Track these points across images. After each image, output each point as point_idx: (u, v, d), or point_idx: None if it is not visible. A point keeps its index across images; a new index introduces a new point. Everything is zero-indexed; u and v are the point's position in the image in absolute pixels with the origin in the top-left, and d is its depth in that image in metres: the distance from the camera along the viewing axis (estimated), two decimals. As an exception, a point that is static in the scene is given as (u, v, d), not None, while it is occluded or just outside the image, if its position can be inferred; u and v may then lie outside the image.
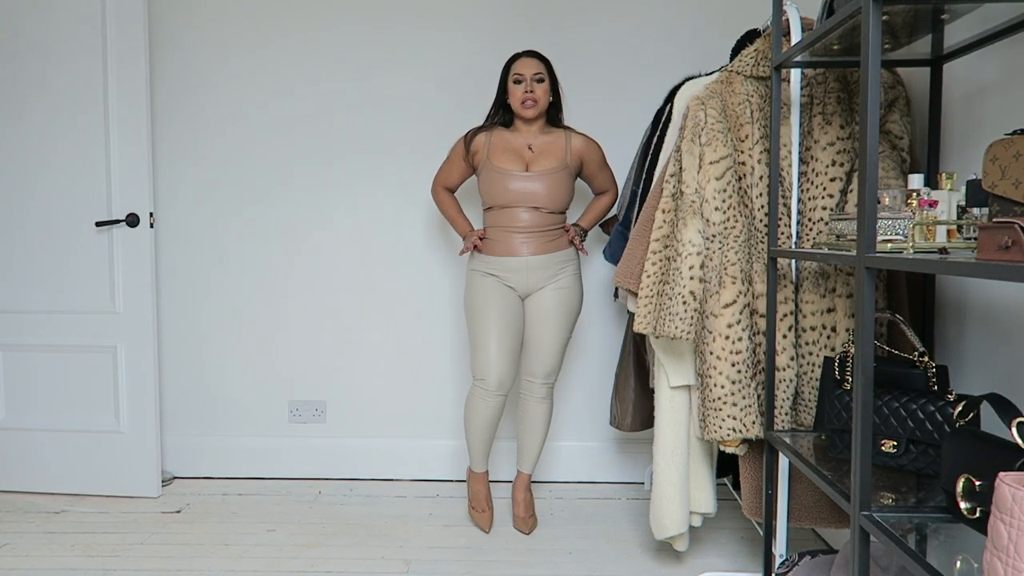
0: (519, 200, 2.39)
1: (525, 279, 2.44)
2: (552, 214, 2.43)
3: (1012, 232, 1.00)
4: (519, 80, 2.41)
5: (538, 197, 2.39)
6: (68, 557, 2.31)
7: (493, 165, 2.41)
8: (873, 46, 1.29)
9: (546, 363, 2.49)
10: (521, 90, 2.41)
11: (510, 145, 2.45)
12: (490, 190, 2.42)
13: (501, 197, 2.40)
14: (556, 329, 2.47)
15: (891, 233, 1.42)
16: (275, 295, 3.02)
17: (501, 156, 2.43)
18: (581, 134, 2.50)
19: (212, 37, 2.96)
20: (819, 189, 1.92)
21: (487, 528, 2.49)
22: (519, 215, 2.41)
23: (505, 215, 2.42)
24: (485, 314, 2.42)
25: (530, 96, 2.40)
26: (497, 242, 2.44)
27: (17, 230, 2.81)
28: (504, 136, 2.47)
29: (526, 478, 2.59)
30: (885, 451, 1.55)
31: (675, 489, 2.06)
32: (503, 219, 2.43)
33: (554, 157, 2.44)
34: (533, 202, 2.39)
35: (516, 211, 2.41)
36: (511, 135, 2.47)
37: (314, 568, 2.23)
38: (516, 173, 2.39)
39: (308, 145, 2.98)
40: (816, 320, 1.92)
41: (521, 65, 2.43)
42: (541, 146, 2.46)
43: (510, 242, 2.42)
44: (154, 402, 2.78)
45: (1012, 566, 0.95)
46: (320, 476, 3.04)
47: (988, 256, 1.05)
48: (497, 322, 2.41)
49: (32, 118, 2.76)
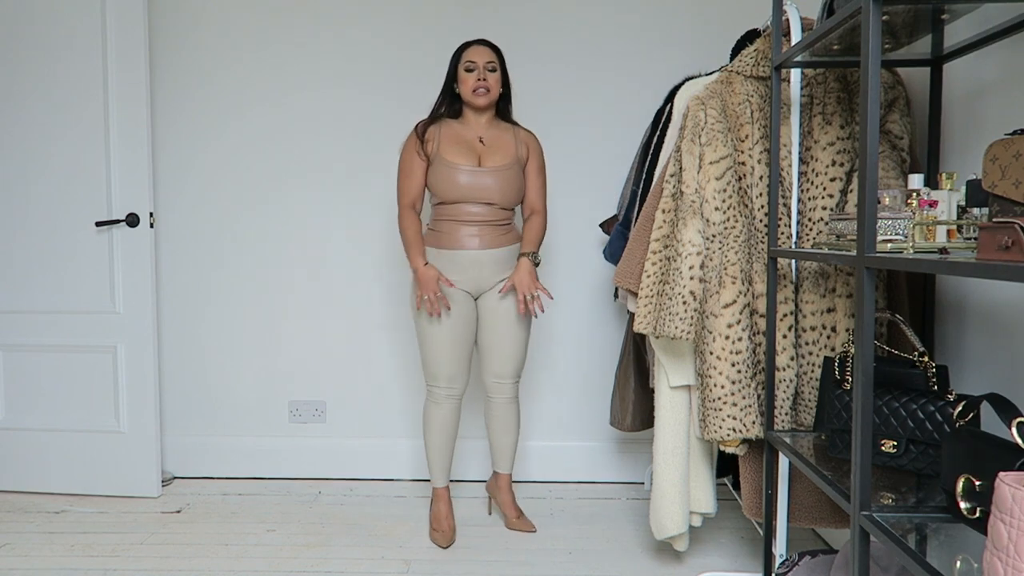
0: (471, 195, 2.31)
1: (477, 276, 2.35)
2: (503, 209, 2.37)
3: (1012, 232, 1.00)
4: (471, 68, 2.33)
5: (491, 193, 2.32)
6: (68, 557, 2.31)
7: (444, 159, 2.31)
8: (873, 46, 1.29)
9: (511, 362, 2.43)
10: (473, 78, 2.32)
11: (461, 137, 2.36)
12: (440, 184, 2.31)
13: (452, 192, 2.31)
14: (517, 326, 2.40)
15: (891, 233, 1.42)
16: (275, 295, 3.02)
17: (452, 149, 2.33)
18: (527, 130, 2.45)
19: (212, 37, 2.96)
20: (819, 189, 1.92)
21: (444, 544, 2.38)
22: (469, 209, 2.32)
23: (455, 209, 2.33)
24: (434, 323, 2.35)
25: (483, 84, 2.32)
26: (446, 235, 2.35)
27: (17, 230, 2.81)
28: (454, 128, 2.38)
29: (507, 479, 2.56)
30: (885, 451, 1.55)
31: (675, 489, 2.06)
32: (453, 212, 2.34)
33: (506, 152, 2.37)
34: (485, 198, 2.32)
35: (466, 206, 2.32)
36: (461, 127, 2.38)
37: (314, 568, 2.23)
38: (467, 168, 2.31)
39: (308, 145, 2.98)
40: (816, 320, 1.92)
41: (473, 53, 2.35)
42: (492, 139, 2.38)
43: (460, 235, 2.34)
44: (154, 402, 2.78)
45: (1012, 566, 0.95)
46: (320, 476, 3.04)
47: (988, 256, 1.05)
48: (449, 317, 2.33)
49: (32, 118, 2.76)
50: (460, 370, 2.39)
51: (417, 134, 2.36)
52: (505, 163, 2.35)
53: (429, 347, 2.36)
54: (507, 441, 2.52)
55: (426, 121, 2.38)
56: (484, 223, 2.34)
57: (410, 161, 2.35)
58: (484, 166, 2.32)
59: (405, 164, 2.36)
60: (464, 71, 2.34)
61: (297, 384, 3.05)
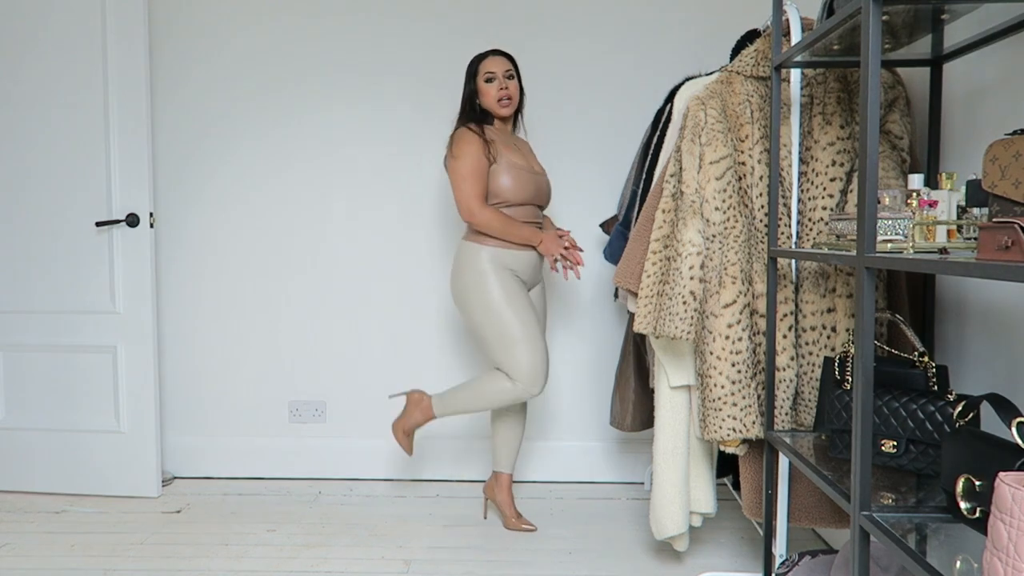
0: (536, 197, 2.37)
1: (535, 274, 2.44)
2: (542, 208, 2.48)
3: (1012, 232, 1.00)
4: (491, 78, 2.34)
5: (546, 195, 2.42)
6: (68, 557, 2.31)
7: (512, 162, 2.31)
8: (873, 46, 1.29)
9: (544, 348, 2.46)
10: (495, 88, 2.34)
11: (507, 142, 2.38)
12: (514, 186, 2.31)
13: (524, 193, 2.32)
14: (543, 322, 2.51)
15: (891, 233, 1.42)
16: (275, 295, 3.02)
17: (511, 153, 2.34)
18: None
19: (213, 37, 2.96)
20: (819, 189, 1.92)
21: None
22: (534, 211, 2.39)
23: (522, 211, 2.36)
24: (525, 310, 2.31)
25: (505, 93, 2.34)
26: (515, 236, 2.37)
27: (17, 230, 2.81)
28: (496, 133, 2.39)
29: (508, 479, 2.56)
30: (885, 451, 1.55)
31: (675, 489, 2.06)
32: (521, 215, 2.35)
33: (535, 157, 2.48)
34: (542, 199, 2.41)
35: (532, 208, 2.38)
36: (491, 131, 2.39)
37: (314, 568, 2.23)
38: (530, 171, 2.36)
39: (308, 145, 2.98)
40: (816, 320, 1.92)
41: (491, 63, 2.36)
42: (521, 146, 2.45)
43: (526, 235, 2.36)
44: (154, 402, 2.78)
45: (1012, 566, 0.95)
46: (320, 476, 3.04)
47: (988, 256, 1.05)
48: (536, 320, 2.33)
49: (32, 118, 2.76)
50: (539, 346, 2.33)
51: (479, 135, 2.31)
52: (543, 168, 2.47)
53: (534, 341, 2.29)
54: (513, 438, 2.54)
55: (476, 125, 2.35)
56: (537, 224, 2.42)
57: (478, 163, 2.29)
58: (535, 169, 2.41)
59: (473, 166, 2.28)
60: (484, 82, 2.35)
61: (297, 384, 3.05)
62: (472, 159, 2.28)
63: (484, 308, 2.31)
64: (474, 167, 2.29)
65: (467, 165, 2.28)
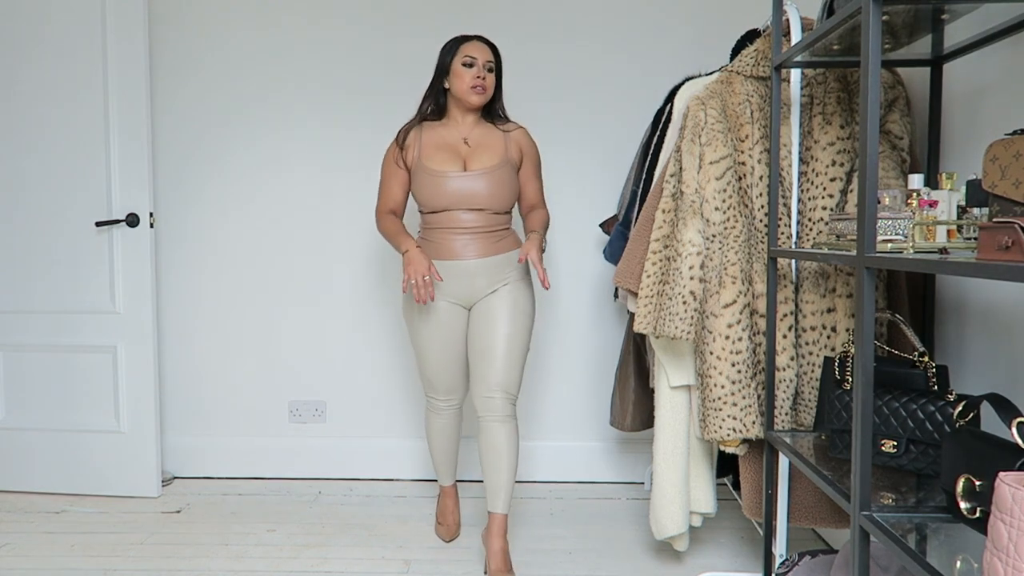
0: (459, 202, 2.14)
1: (470, 286, 2.19)
2: (496, 214, 2.19)
3: (1012, 232, 1.00)
4: (470, 63, 2.15)
5: (479, 198, 2.15)
6: (68, 557, 2.31)
7: (426, 167, 2.16)
8: (873, 46, 1.29)
9: (503, 371, 2.14)
10: (472, 75, 2.15)
11: (444, 140, 2.20)
12: (426, 193, 2.17)
13: (439, 200, 2.15)
14: (510, 330, 2.16)
15: (891, 233, 1.42)
16: (275, 295, 3.02)
17: (435, 155, 2.17)
18: (518, 125, 2.28)
19: (213, 37, 2.96)
20: (819, 189, 1.92)
21: (447, 539, 2.40)
22: (460, 217, 2.16)
23: (444, 218, 2.17)
24: (426, 324, 2.22)
25: (481, 83, 2.15)
26: (437, 245, 2.19)
27: (17, 230, 2.81)
28: (435, 131, 2.22)
29: (501, 520, 2.15)
30: (885, 451, 1.55)
31: (675, 489, 2.06)
32: (443, 221, 2.18)
33: (494, 152, 2.19)
34: (474, 203, 2.15)
35: (456, 213, 2.16)
36: (443, 129, 2.22)
37: (314, 568, 2.23)
38: (453, 173, 2.14)
39: (309, 145, 2.98)
40: (816, 320, 1.92)
41: (473, 48, 2.18)
42: (478, 139, 2.21)
43: (452, 245, 2.17)
44: (154, 402, 2.78)
45: (1012, 566, 0.95)
46: (320, 476, 3.04)
47: (988, 256, 1.05)
48: (439, 331, 2.22)
49: (32, 118, 2.76)
50: (458, 381, 2.31)
51: (397, 143, 2.24)
52: (494, 164, 2.17)
53: (425, 357, 2.27)
54: (498, 477, 2.15)
55: (407, 127, 2.26)
56: (477, 231, 2.17)
57: (390, 172, 2.24)
58: (471, 169, 2.16)
59: (385, 175, 2.26)
60: (461, 65, 2.16)
61: (297, 384, 3.05)
62: (385, 168, 2.26)
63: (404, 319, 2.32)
64: (385, 177, 2.26)
65: (382, 174, 2.27)
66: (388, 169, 2.25)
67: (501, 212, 2.20)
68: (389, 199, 2.25)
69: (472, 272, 2.18)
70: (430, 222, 2.21)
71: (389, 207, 2.25)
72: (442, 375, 2.28)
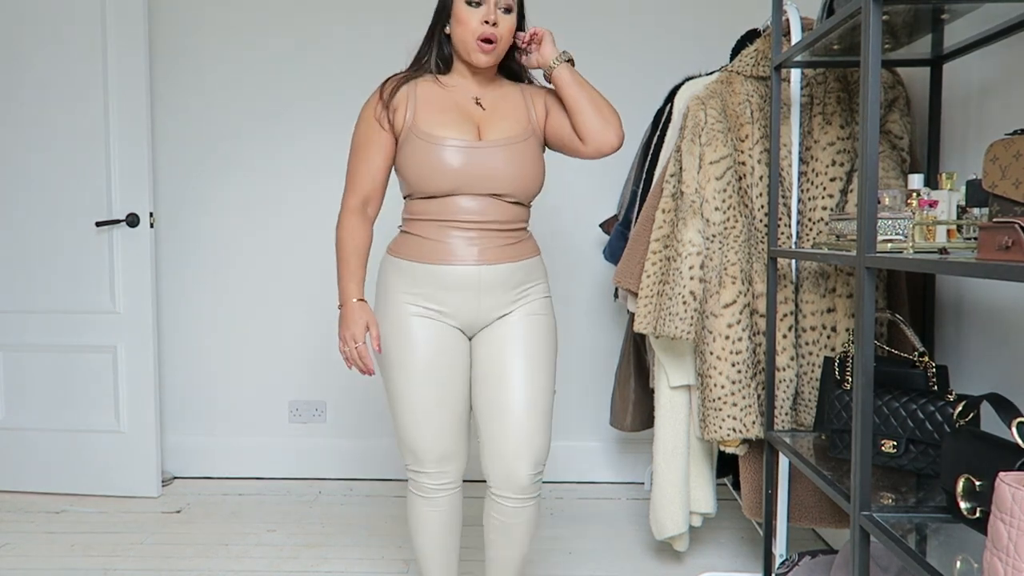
0: (467, 184, 1.53)
1: (475, 303, 1.58)
2: (516, 205, 1.59)
3: (1012, 232, 1.00)
4: (477, 1, 1.55)
5: (498, 179, 1.54)
6: (68, 557, 2.31)
7: (423, 132, 1.54)
8: (873, 46, 1.29)
9: (528, 433, 1.56)
10: (478, 17, 1.54)
11: (448, 99, 1.60)
12: (420, 169, 1.53)
13: (439, 180, 1.53)
14: (533, 374, 1.58)
15: (891, 233, 1.42)
16: (275, 295, 3.02)
17: (436, 117, 1.56)
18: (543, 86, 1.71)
19: (213, 36, 2.96)
20: (819, 189, 1.92)
21: None
22: (465, 205, 1.55)
23: (443, 205, 1.55)
24: (408, 364, 1.57)
25: (492, 31, 1.54)
26: (430, 243, 1.57)
27: (17, 230, 2.81)
28: (436, 87, 1.61)
29: None
30: (885, 451, 1.55)
31: (675, 489, 2.06)
32: (441, 210, 1.55)
33: (514, 118, 1.61)
34: (489, 187, 1.54)
35: (461, 200, 1.54)
36: (447, 86, 1.62)
37: (314, 568, 2.23)
38: (460, 143, 1.53)
39: (309, 144, 2.98)
40: (816, 320, 1.92)
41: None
42: (495, 100, 1.63)
43: (451, 244, 1.55)
44: (154, 402, 2.78)
45: (1012, 566, 0.95)
46: (320, 476, 3.04)
47: (988, 256, 1.05)
48: (430, 369, 1.57)
49: (32, 118, 2.76)
50: (457, 444, 1.63)
51: (381, 98, 1.59)
52: (516, 133, 1.59)
53: (406, 410, 1.59)
54: (510, 562, 1.68)
55: (397, 78, 1.63)
56: (486, 226, 1.56)
57: (367, 138, 1.59)
58: (487, 139, 1.56)
59: (359, 142, 1.61)
60: (466, 4, 1.55)
61: (297, 384, 3.05)
62: (360, 130, 1.62)
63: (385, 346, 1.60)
64: (358, 143, 1.61)
65: (355, 139, 1.62)
66: (365, 134, 1.60)
67: (522, 202, 1.61)
68: (363, 179, 1.60)
69: (478, 283, 1.57)
70: (421, 211, 1.58)
71: (362, 192, 1.61)
72: (433, 437, 1.59)
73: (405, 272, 1.59)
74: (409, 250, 1.60)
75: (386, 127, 1.58)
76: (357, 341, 1.57)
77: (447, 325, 1.60)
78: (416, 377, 1.57)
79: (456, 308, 1.59)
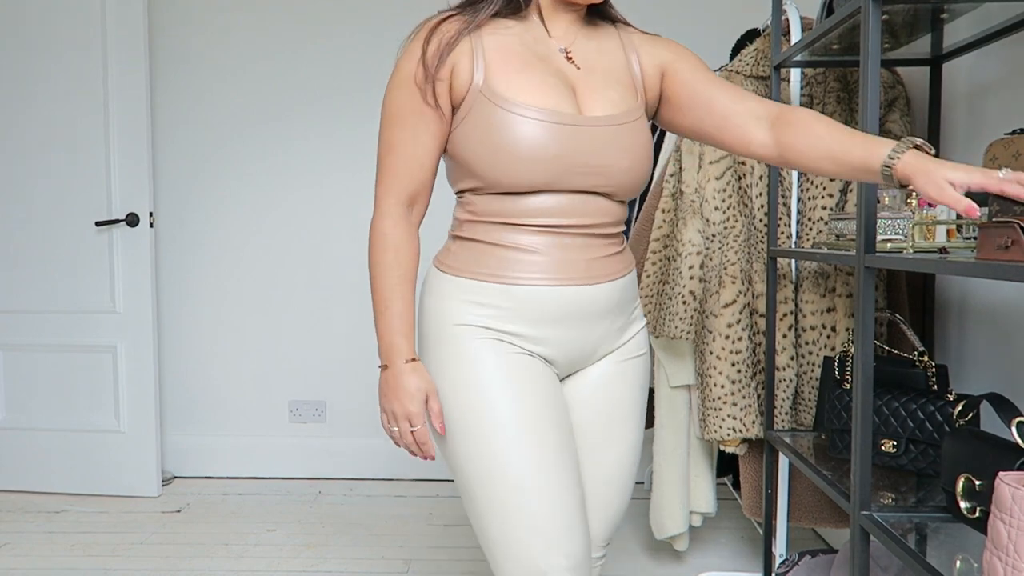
0: (566, 178, 1.07)
1: (580, 337, 1.14)
2: (621, 204, 1.15)
3: (1012, 232, 1.00)
4: None
5: (606, 173, 1.09)
6: (68, 557, 2.31)
7: (506, 100, 1.05)
8: (873, 46, 1.29)
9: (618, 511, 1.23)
10: None
11: (528, 54, 1.10)
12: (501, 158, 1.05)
13: (528, 171, 1.05)
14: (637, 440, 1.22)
15: (891, 233, 1.42)
16: (275, 295, 3.02)
17: (518, 80, 1.07)
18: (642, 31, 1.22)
19: (213, 36, 2.96)
20: (819, 189, 1.92)
21: None
22: (565, 204, 1.09)
23: (533, 204, 1.08)
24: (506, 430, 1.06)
25: None
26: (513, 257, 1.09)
27: (17, 230, 2.81)
28: (507, 37, 1.11)
29: None
30: (885, 451, 1.55)
31: (675, 489, 2.06)
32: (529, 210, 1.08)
33: (620, 83, 1.14)
34: (594, 182, 1.09)
35: (560, 198, 1.08)
36: (520, 32, 1.12)
37: (314, 568, 2.23)
38: (560, 120, 1.05)
39: (309, 143, 2.98)
40: (816, 320, 1.91)
41: None
42: (588, 55, 1.14)
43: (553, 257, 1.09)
44: (154, 402, 2.78)
45: (1012, 566, 0.95)
46: (320, 476, 3.04)
47: (988, 256, 1.05)
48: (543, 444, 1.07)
49: (32, 118, 2.76)
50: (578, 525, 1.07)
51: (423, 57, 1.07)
52: (628, 107, 1.12)
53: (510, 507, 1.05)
54: None
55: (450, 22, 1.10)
56: (593, 231, 1.12)
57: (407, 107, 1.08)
58: (589, 114, 1.09)
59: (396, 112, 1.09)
60: None
61: (297, 384, 3.05)
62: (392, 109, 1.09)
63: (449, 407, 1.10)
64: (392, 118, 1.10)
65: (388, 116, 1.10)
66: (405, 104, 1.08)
67: (625, 199, 1.17)
68: (407, 168, 1.09)
69: (588, 309, 1.12)
70: (495, 212, 1.10)
71: (407, 188, 1.10)
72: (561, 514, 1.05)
73: (475, 297, 1.10)
74: (484, 262, 1.10)
75: (431, 101, 1.07)
76: (415, 424, 1.09)
77: (541, 362, 1.12)
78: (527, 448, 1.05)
79: (556, 344, 1.12)
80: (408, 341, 1.10)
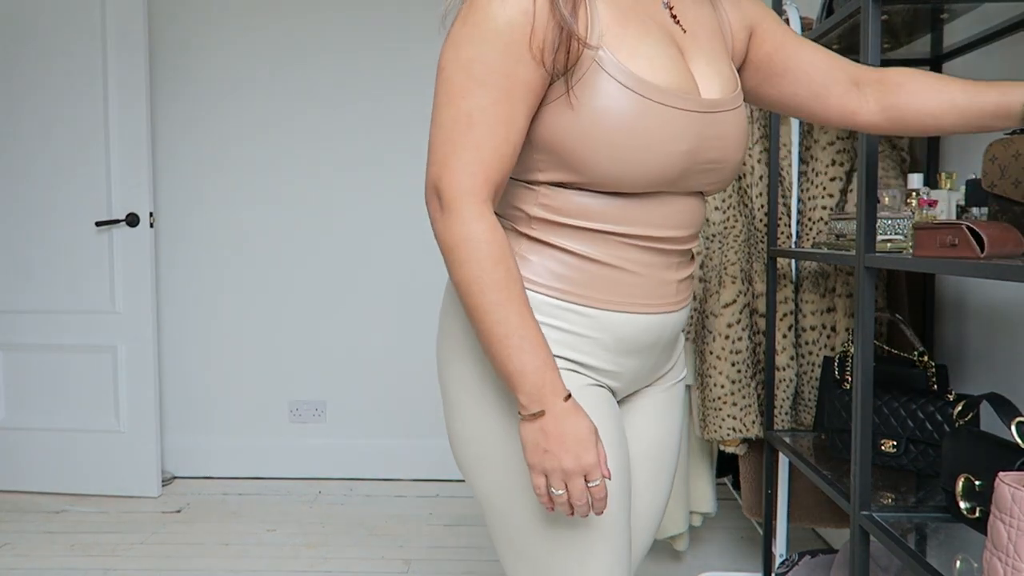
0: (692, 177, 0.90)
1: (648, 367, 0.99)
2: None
3: (959, 232, 1.02)
4: None
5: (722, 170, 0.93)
6: (68, 557, 2.31)
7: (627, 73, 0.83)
8: (873, 46, 1.29)
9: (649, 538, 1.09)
10: None
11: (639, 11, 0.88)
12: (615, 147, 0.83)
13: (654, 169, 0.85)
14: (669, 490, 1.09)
15: (891, 233, 1.41)
16: (275, 294, 3.02)
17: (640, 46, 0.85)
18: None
19: (213, 36, 2.96)
20: (819, 189, 1.92)
21: None
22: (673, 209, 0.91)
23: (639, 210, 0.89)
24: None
25: None
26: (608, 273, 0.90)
27: (17, 230, 2.81)
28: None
29: None
30: (885, 451, 1.55)
31: (675, 489, 2.06)
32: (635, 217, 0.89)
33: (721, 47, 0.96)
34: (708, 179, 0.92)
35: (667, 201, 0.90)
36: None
37: (314, 568, 2.23)
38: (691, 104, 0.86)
39: (309, 143, 2.98)
40: (816, 320, 1.91)
41: None
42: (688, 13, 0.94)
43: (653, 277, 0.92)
44: (154, 402, 2.78)
45: (1012, 566, 0.95)
46: (320, 476, 3.04)
47: (927, 253, 1.09)
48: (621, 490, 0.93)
49: (32, 118, 2.76)
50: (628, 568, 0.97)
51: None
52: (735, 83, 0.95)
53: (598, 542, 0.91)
54: None
55: None
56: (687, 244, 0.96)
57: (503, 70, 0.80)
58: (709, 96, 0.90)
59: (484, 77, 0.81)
60: None
61: (297, 384, 3.05)
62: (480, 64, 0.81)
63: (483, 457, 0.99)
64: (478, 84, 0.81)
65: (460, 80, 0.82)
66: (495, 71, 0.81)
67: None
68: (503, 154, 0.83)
69: (667, 337, 0.98)
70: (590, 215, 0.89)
71: (497, 174, 0.83)
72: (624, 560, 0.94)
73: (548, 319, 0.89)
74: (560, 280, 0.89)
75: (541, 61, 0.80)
76: (592, 478, 0.84)
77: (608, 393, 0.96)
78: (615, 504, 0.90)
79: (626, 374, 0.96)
80: (559, 374, 0.85)
